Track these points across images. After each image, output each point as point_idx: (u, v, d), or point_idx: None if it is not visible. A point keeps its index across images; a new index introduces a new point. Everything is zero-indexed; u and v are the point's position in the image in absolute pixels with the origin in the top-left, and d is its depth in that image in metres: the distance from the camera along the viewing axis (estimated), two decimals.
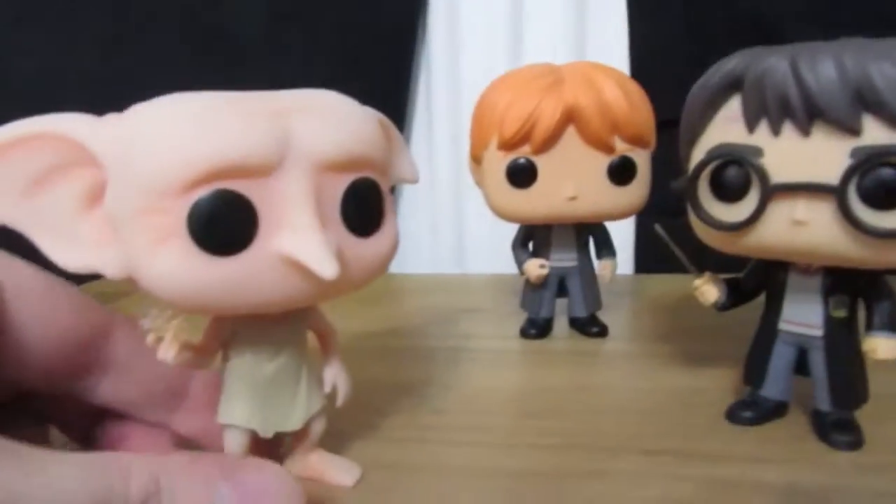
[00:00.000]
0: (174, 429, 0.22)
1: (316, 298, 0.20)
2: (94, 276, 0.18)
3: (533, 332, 0.38)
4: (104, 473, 0.15)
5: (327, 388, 0.23)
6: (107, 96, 0.22)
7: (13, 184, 0.17)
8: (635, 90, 0.33)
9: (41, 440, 0.22)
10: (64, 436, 0.23)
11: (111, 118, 0.18)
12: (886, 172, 0.20)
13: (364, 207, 0.20)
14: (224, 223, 0.17)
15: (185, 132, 0.17)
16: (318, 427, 0.22)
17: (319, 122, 0.19)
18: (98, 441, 0.22)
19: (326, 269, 0.17)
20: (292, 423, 0.21)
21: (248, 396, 0.21)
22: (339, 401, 0.23)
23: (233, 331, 0.20)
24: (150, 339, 0.19)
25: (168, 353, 0.19)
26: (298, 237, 0.18)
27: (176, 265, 0.17)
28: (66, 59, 0.59)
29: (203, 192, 0.17)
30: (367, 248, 0.20)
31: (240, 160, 0.17)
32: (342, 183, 0.19)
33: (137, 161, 0.17)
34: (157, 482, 0.15)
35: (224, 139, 0.17)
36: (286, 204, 0.18)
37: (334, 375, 0.23)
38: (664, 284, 0.47)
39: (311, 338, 0.23)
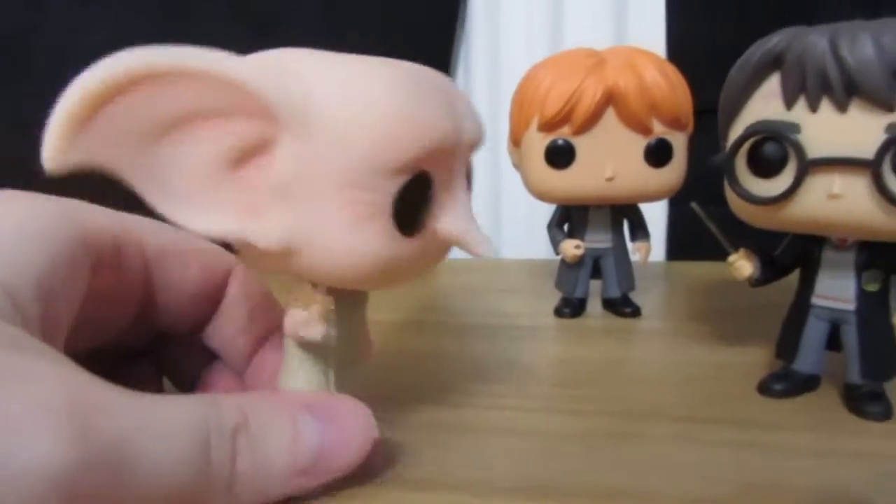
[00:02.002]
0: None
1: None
2: None
3: (567, 310, 0.38)
4: (201, 409, 0.16)
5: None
6: None
7: (135, 129, 0.15)
8: (674, 73, 0.34)
9: (157, 390, 0.24)
10: (174, 386, 0.25)
11: (276, 65, 0.16)
12: None
13: (471, 184, 0.21)
14: (420, 205, 0.18)
15: (406, 111, 0.17)
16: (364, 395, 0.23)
17: (466, 105, 0.19)
18: (197, 388, 0.24)
19: (483, 247, 0.19)
20: (355, 389, 0.22)
21: (323, 362, 0.21)
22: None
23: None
24: (299, 315, 0.19)
25: (315, 329, 0.19)
26: (461, 221, 0.19)
27: (376, 242, 0.17)
28: (118, 39, 0.61)
29: (409, 174, 0.17)
30: None
31: (444, 146, 0.17)
32: (467, 165, 0.20)
33: (348, 132, 0.16)
34: (244, 414, 0.17)
35: (437, 121, 0.17)
36: (452, 187, 0.19)
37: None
38: (696, 269, 0.47)
39: None
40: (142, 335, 0.22)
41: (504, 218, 0.60)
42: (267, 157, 0.16)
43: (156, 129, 0.15)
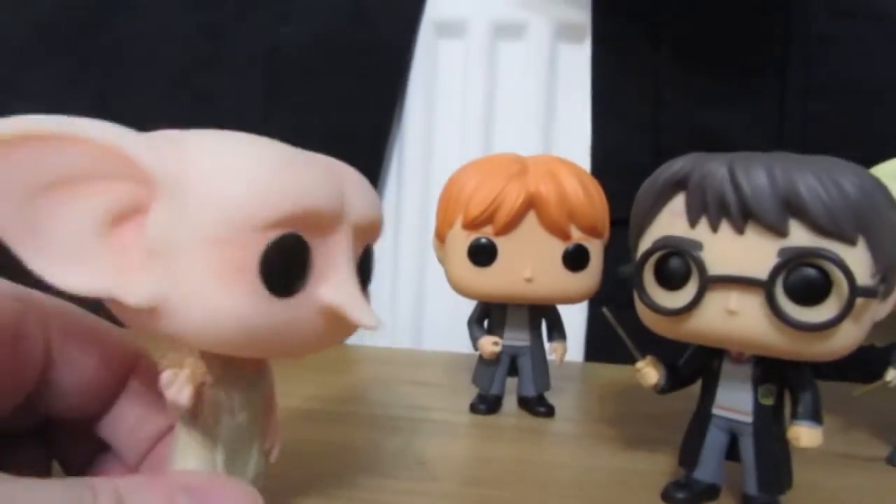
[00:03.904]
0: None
1: (330, 345, 0.21)
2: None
3: (482, 407, 0.39)
4: (74, 491, 0.15)
5: (268, 446, 0.23)
6: None
7: (18, 185, 0.15)
8: (592, 184, 0.36)
9: (44, 473, 0.23)
10: (63, 471, 0.23)
11: (158, 138, 0.18)
12: (809, 272, 0.22)
13: (368, 270, 0.21)
14: (291, 266, 0.18)
15: (275, 171, 0.17)
16: (261, 484, 0.22)
17: (360, 188, 0.20)
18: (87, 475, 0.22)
19: (366, 318, 0.19)
20: (249, 477, 0.21)
21: (212, 445, 0.20)
22: (273, 456, 0.23)
23: (217, 376, 0.20)
24: (165, 377, 0.18)
25: (182, 393, 0.18)
26: (343, 291, 0.19)
27: (241, 300, 0.17)
28: (58, 109, 0.60)
29: (279, 233, 0.17)
30: None
31: (318, 211, 0.18)
32: (361, 245, 0.20)
33: (216, 189, 0.17)
34: (119, 496, 0.16)
35: (310, 188, 0.18)
36: (334, 257, 0.19)
37: (275, 435, 0.23)
38: (611, 372, 0.48)
39: None
40: (28, 420, 0.21)
41: (428, 310, 0.61)
42: (142, 219, 0.17)
43: (38, 187, 0.15)
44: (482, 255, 0.35)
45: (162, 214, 0.17)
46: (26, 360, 0.19)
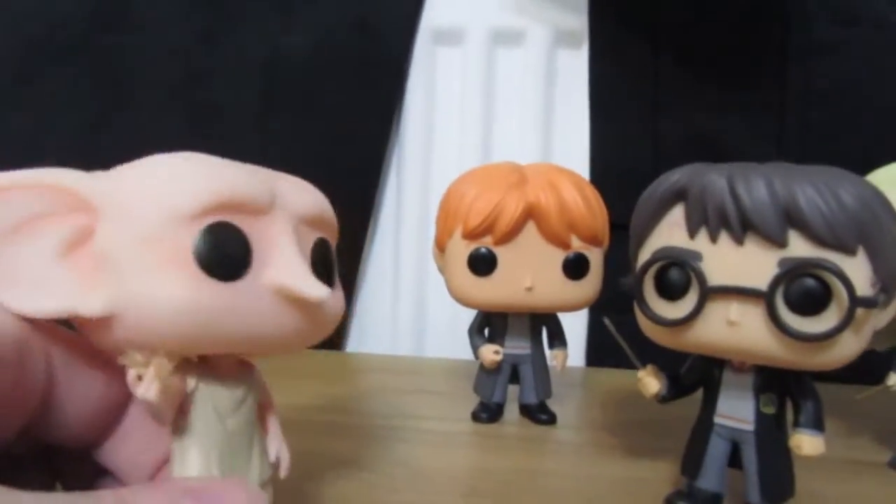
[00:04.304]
0: None
1: (298, 338, 0.21)
2: None
3: (484, 415, 0.39)
4: (80, 501, 0.16)
5: (272, 458, 0.23)
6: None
7: None
8: (592, 193, 0.36)
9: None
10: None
11: (99, 173, 0.19)
12: (809, 282, 0.22)
13: (327, 262, 0.22)
14: (226, 249, 0.19)
15: (193, 169, 0.19)
16: (269, 495, 0.22)
17: (295, 184, 0.21)
18: None
19: (314, 290, 0.19)
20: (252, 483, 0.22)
21: (207, 454, 0.20)
22: (283, 472, 0.23)
23: (196, 383, 0.21)
24: (130, 376, 0.19)
25: (150, 391, 0.19)
26: (286, 268, 0.19)
27: (186, 289, 0.18)
28: (55, 124, 0.60)
29: (208, 220, 0.18)
30: (333, 298, 0.21)
31: (241, 197, 0.19)
32: (311, 237, 0.21)
33: (144, 195, 0.18)
34: (124, 503, 0.16)
35: (229, 178, 0.19)
36: (274, 243, 0.20)
37: (278, 446, 0.23)
38: (613, 378, 0.48)
39: None
40: (29, 444, 0.21)
41: (429, 318, 0.61)
42: (90, 242, 0.19)
43: (4, 232, 0.18)
44: (482, 264, 0.35)
45: (104, 232, 0.19)
46: (30, 382, 0.19)
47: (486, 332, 0.39)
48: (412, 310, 0.61)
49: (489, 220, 0.34)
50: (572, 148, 0.58)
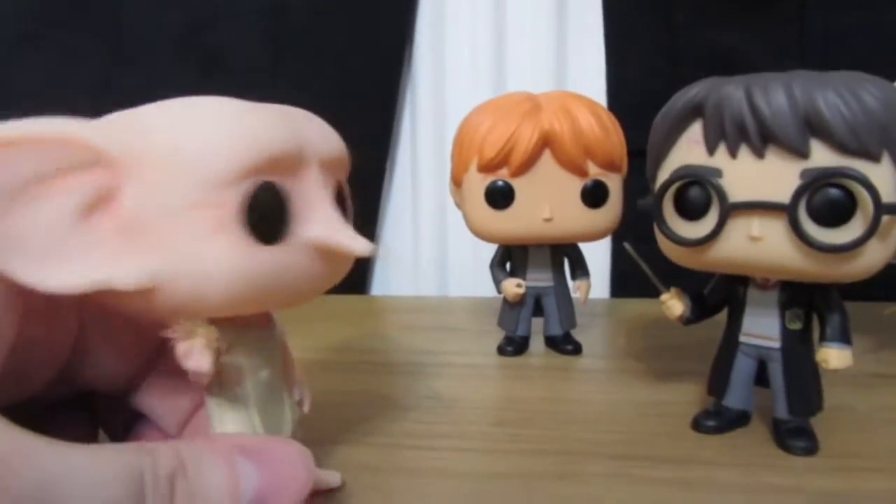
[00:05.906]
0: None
1: (327, 286, 0.21)
2: None
3: (510, 349, 0.39)
4: (135, 456, 0.16)
5: (297, 396, 0.23)
6: None
7: None
8: (608, 118, 0.35)
9: (92, 440, 0.23)
10: (109, 439, 0.24)
11: (111, 120, 0.18)
12: (832, 192, 0.22)
13: (345, 204, 0.21)
14: (271, 212, 0.18)
15: (229, 125, 0.18)
16: (300, 434, 0.23)
17: (317, 126, 0.20)
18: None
19: (358, 245, 0.19)
20: (286, 428, 0.22)
21: (246, 407, 0.21)
22: (305, 408, 0.24)
23: (230, 340, 0.20)
24: (181, 349, 0.18)
25: (202, 361, 0.18)
26: (329, 225, 0.19)
27: (232, 256, 0.17)
28: (62, 82, 0.60)
29: (251, 182, 0.17)
30: None
31: (280, 154, 0.18)
32: (332, 181, 0.21)
33: (180, 156, 0.17)
34: (181, 459, 0.17)
35: (267, 133, 0.18)
36: (311, 198, 0.19)
37: (301, 385, 0.24)
38: (637, 307, 0.48)
39: None
40: (66, 390, 0.22)
41: (450, 257, 0.61)
42: (115, 204, 0.17)
43: (7, 195, 0.15)
44: (499, 197, 0.35)
45: (132, 194, 0.17)
46: (61, 329, 0.20)
47: (508, 266, 0.39)
48: (434, 250, 0.61)
49: (504, 151, 0.33)
50: (588, 75, 0.57)
